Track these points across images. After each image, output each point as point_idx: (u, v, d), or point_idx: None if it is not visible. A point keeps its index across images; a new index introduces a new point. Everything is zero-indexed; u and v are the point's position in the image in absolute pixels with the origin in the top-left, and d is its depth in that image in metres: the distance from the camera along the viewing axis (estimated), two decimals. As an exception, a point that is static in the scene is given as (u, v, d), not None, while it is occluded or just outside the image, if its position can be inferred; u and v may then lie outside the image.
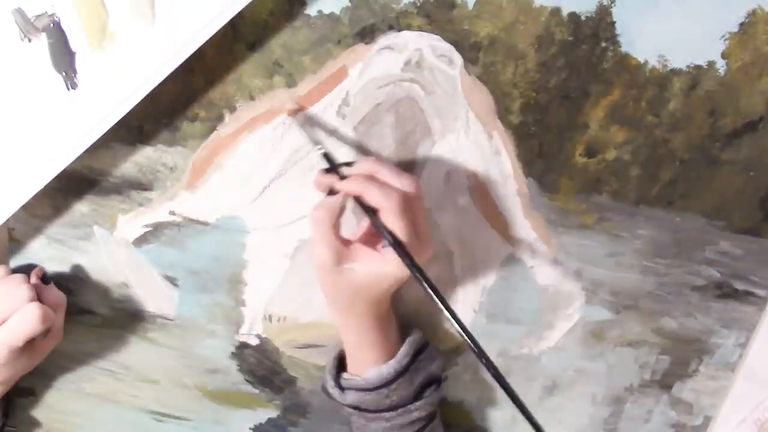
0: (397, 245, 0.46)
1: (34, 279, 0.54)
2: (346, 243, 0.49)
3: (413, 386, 0.54)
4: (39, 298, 0.52)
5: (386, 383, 0.53)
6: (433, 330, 0.61)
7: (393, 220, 0.46)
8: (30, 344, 0.53)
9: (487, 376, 0.54)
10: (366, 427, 0.55)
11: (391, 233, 0.46)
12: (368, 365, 0.53)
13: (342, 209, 0.48)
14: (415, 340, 0.55)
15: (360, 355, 0.54)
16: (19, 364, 0.54)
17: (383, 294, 0.50)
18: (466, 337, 0.44)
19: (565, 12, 0.49)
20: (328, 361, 0.57)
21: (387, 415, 0.54)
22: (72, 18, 0.46)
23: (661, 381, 0.64)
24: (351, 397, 0.54)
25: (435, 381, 0.56)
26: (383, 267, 0.48)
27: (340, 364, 0.57)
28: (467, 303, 0.60)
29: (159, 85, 0.47)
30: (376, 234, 0.49)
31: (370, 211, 0.47)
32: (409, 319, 0.59)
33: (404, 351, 0.54)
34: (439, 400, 0.57)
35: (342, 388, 0.55)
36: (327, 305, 0.53)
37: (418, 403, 0.54)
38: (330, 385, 0.55)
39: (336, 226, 0.48)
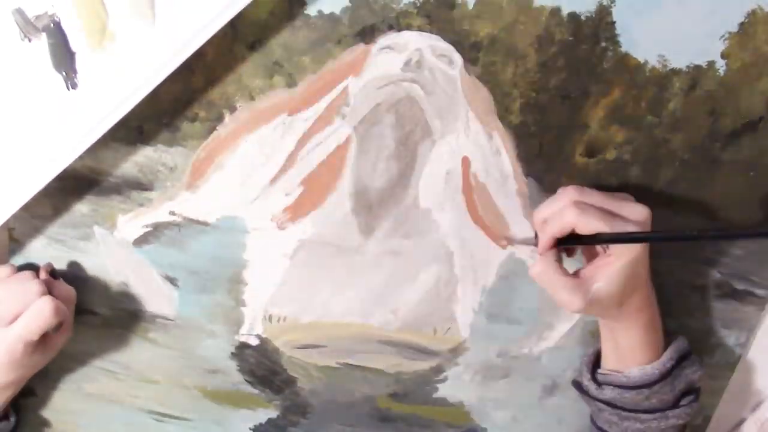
0: (606, 236, 0.47)
1: (43, 274, 0.55)
2: (577, 274, 0.50)
3: (674, 392, 0.54)
4: (50, 292, 0.53)
5: (648, 384, 0.53)
6: (433, 330, 0.61)
7: (585, 223, 0.47)
8: (43, 340, 0.53)
9: (488, 376, 0.54)
10: (617, 425, 0.56)
11: (594, 235, 0.47)
12: (632, 365, 0.54)
13: (555, 253, 0.50)
14: (680, 346, 0.55)
15: (628, 354, 0.54)
16: (33, 361, 0.54)
17: (639, 282, 0.50)
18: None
19: (565, 12, 0.49)
20: (584, 356, 0.58)
21: (643, 416, 0.54)
22: (72, 18, 0.46)
23: (661, 381, 0.64)
24: (608, 393, 0.54)
25: (694, 391, 0.56)
26: (617, 262, 0.48)
27: (596, 360, 0.58)
28: (467, 303, 0.60)
29: (159, 85, 0.47)
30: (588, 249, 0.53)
31: (573, 238, 0.49)
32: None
33: (669, 354, 0.54)
34: (695, 412, 0.56)
35: (598, 384, 0.55)
36: (606, 318, 0.53)
37: (676, 411, 0.54)
38: (586, 378, 0.56)
39: (560, 269, 0.49)
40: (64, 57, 0.47)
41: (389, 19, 0.49)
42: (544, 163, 0.54)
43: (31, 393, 0.64)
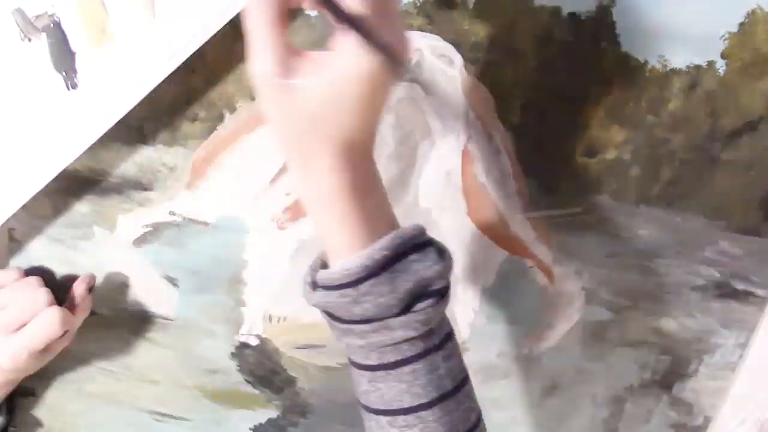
0: (347, 18, 0.34)
1: (83, 287, 0.56)
2: (297, 53, 0.36)
3: (396, 293, 0.38)
4: (73, 302, 0.54)
5: (352, 282, 0.38)
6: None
7: None
8: (46, 346, 0.53)
9: (488, 376, 0.54)
10: (345, 347, 0.42)
11: (335, 5, 0.34)
12: (340, 256, 0.39)
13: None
14: (403, 234, 0.39)
15: (330, 239, 0.39)
16: (32, 365, 0.54)
17: (349, 123, 0.36)
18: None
19: (565, 12, 0.49)
20: (317, 254, 0.42)
21: (358, 328, 0.39)
22: (72, 18, 0.46)
23: (661, 381, 0.64)
24: (317, 296, 0.40)
25: (433, 294, 0.39)
26: (340, 66, 0.35)
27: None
28: (467, 303, 0.60)
29: (159, 85, 0.47)
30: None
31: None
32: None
33: (383, 243, 0.38)
34: (444, 323, 0.42)
35: (314, 285, 0.41)
36: (283, 154, 0.38)
37: (402, 318, 0.38)
38: (306, 281, 0.41)
39: (283, 26, 0.36)
40: (64, 57, 0.47)
41: (389, 19, 0.49)
42: (544, 163, 0.54)
43: (31, 393, 0.64)
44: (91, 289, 0.57)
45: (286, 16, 0.36)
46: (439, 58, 0.51)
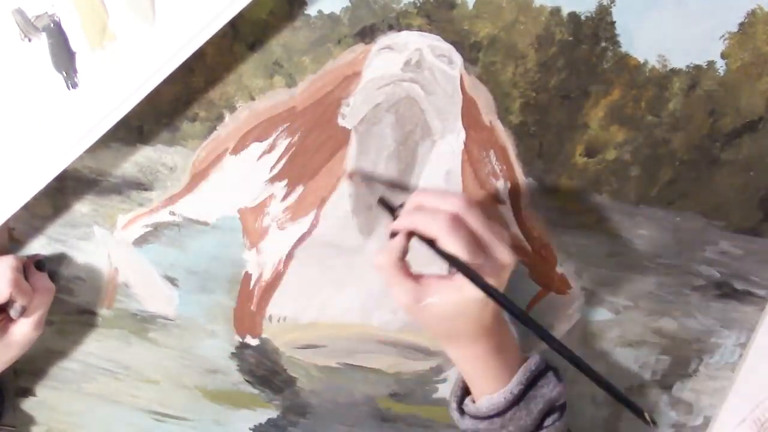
0: (460, 267, 0.45)
1: (30, 266, 0.55)
2: (420, 280, 0.48)
3: (531, 416, 0.51)
4: (26, 278, 0.53)
5: (498, 413, 0.51)
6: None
7: (449, 244, 0.45)
8: (3, 330, 0.53)
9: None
10: None
11: (452, 257, 0.45)
12: (484, 393, 0.52)
13: (404, 249, 0.47)
14: (530, 367, 0.52)
15: (476, 383, 0.52)
16: None
17: (476, 320, 0.48)
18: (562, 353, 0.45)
19: (565, 12, 0.49)
20: (455, 382, 0.56)
21: None
22: (72, 18, 0.46)
23: (661, 381, 0.64)
24: (468, 423, 0.53)
25: (558, 409, 0.53)
26: (458, 293, 0.46)
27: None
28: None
29: (159, 85, 0.47)
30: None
31: (430, 243, 0.46)
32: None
33: (517, 379, 0.51)
34: (565, 428, 0.54)
35: (462, 413, 0.54)
36: (435, 338, 0.52)
37: None
38: (452, 407, 0.55)
39: (404, 267, 0.47)
40: (64, 57, 0.47)
41: (389, 19, 0.49)
42: (544, 163, 0.54)
43: (31, 393, 0.64)
44: (40, 266, 0.56)
45: (405, 263, 0.48)
46: (439, 58, 0.51)
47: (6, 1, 0.45)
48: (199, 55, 0.47)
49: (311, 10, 0.49)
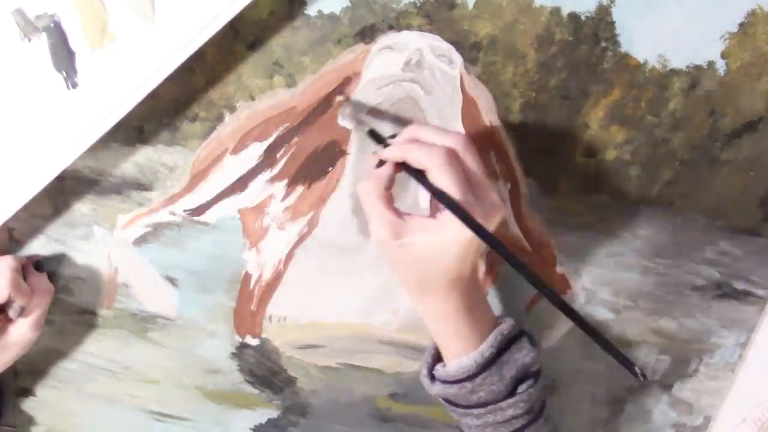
0: (450, 203, 0.42)
1: (29, 266, 0.55)
2: (403, 216, 0.45)
3: (504, 381, 0.48)
4: (25, 279, 0.53)
5: (468, 377, 0.48)
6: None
7: (440, 178, 0.42)
8: (1, 330, 0.53)
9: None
10: (461, 424, 0.52)
11: (441, 192, 0.42)
12: (455, 356, 0.49)
13: (390, 179, 0.45)
14: (503, 330, 0.49)
15: (446, 344, 0.49)
16: None
17: (455, 268, 0.45)
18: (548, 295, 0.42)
19: (565, 12, 0.49)
20: (428, 348, 0.53)
21: (476, 411, 0.49)
22: (72, 18, 0.46)
23: (661, 381, 0.64)
24: (437, 388, 0.50)
25: (532, 375, 0.50)
26: (443, 232, 0.43)
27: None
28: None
29: (159, 85, 0.47)
30: (436, 203, 0.46)
31: (419, 175, 0.44)
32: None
33: (488, 342, 0.48)
34: (541, 396, 0.51)
35: (433, 378, 0.51)
36: (404, 288, 0.49)
37: (511, 400, 0.48)
38: (422, 373, 0.52)
39: (387, 198, 0.45)
40: (64, 57, 0.47)
41: (389, 19, 0.49)
42: (544, 163, 0.54)
43: (31, 393, 0.64)
44: (39, 267, 0.56)
45: (390, 195, 0.45)
46: (439, 58, 0.51)
47: (6, 1, 0.45)
48: (199, 55, 0.47)
49: (311, 10, 0.49)
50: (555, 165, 0.54)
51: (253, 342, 0.61)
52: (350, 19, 0.49)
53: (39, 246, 0.57)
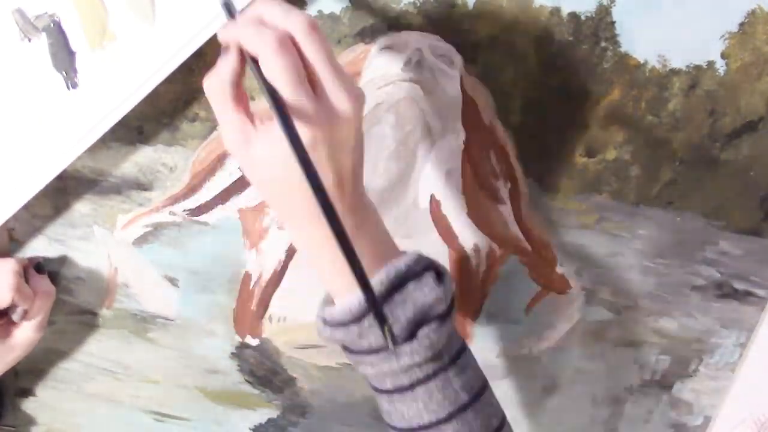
0: (274, 97, 0.35)
1: (30, 268, 0.55)
2: (255, 119, 0.38)
3: (399, 324, 0.40)
4: (27, 281, 0.53)
5: (355, 319, 0.40)
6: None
7: (268, 64, 0.35)
8: (5, 332, 0.53)
9: (488, 376, 0.54)
10: (360, 373, 0.44)
11: (266, 82, 0.35)
12: (340, 294, 0.42)
13: (236, 71, 0.38)
14: (399, 266, 0.41)
15: (328, 279, 0.42)
16: None
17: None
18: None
19: (565, 12, 0.49)
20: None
21: (368, 359, 0.42)
22: (72, 18, 0.46)
23: (661, 381, 0.64)
24: (326, 332, 0.42)
25: (435, 318, 0.41)
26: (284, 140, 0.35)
27: None
28: (467, 303, 0.60)
29: (159, 85, 0.47)
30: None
31: (254, 63, 0.36)
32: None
33: (378, 278, 0.40)
34: (452, 342, 0.43)
35: (325, 321, 0.43)
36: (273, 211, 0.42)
37: (407, 347, 0.41)
38: (318, 315, 0.44)
39: (237, 98, 0.38)
40: (64, 57, 0.47)
41: (389, 19, 0.49)
42: (544, 163, 0.54)
43: (31, 393, 0.64)
44: (40, 269, 0.55)
45: (241, 89, 0.39)
46: (439, 58, 0.51)
47: (6, 1, 0.45)
48: (199, 55, 0.47)
49: (311, 10, 0.49)
50: (555, 165, 0.54)
51: (253, 342, 0.61)
52: (350, 19, 0.49)
53: (39, 246, 0.57)
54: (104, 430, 0.66)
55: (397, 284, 0.41)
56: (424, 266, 0.42)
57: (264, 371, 0.63)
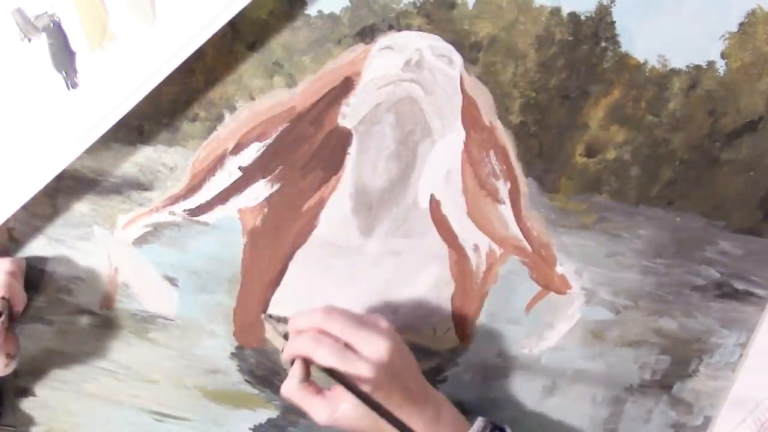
0: (337, 377, 0.46)
1: None
2: (327, 393, 0.49)
3: None
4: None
5: None
6: (433, 330, 0.61)
7: (318, 359, 0.47)
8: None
9: (488, 376, 0.54)
10: None
11: (329, 369, 0.46)
12: None
13: (302, 372, 0.48)
14: None
15: None
16: None
17: (370, 425, 0.48)
18: None
19: (565, 12, 0.49)
20: None
21: None
22: (72, 18, 0.46)
23: (661, 381, 0.64)
24: None
25: None
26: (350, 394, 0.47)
27: None
28: (467, 303, 0.60)
29: (159, 85, 0.47)
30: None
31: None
32: (405, 323, 0.59)
33: None
34: None
35: None
36: None
37: None
38: None
39: (309, 388, 0.49)
40: (64, 57, 0.47)
41: (389, 19, 0.49)
42: (544, 163, 0.54)
43: (31, 393, 0.64)
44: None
45: (308, 378, 0.49)
46: (439, 58, 0.51)
47: (6, 1, 0.45)
48: (199, 55, 0.47)
49: (311, 10, 0.49)
50: (555, 165, 0.54)
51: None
52: (350, 19, 0.49)
53: (39, 246, 0.57)
54: (104, 430, 0.66)
55: None
56: (491, 428, 0.52)
57: (264, 371, 0.63)
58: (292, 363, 0.49)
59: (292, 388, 0.49)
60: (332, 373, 0.46)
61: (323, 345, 0.47)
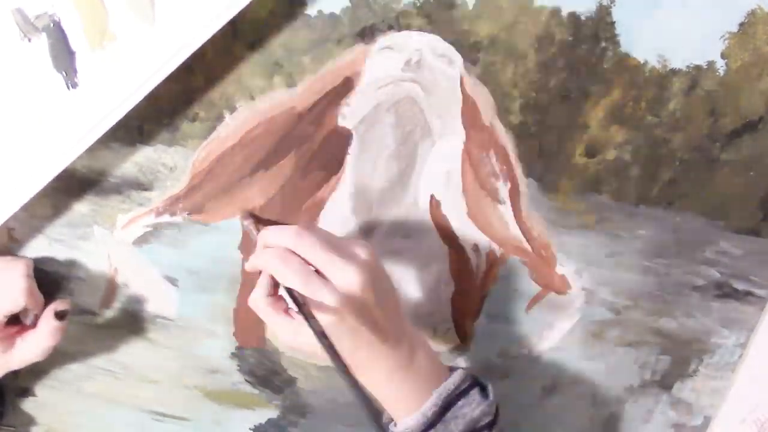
0: (296, 302, 0.44)
1: (51, 313, 0.53)
2: (290, 313, 0.47)
3: None
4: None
5: None
6: (433, 330, 0.61)
7: (282, 278, 0.44)
8: (11, 342, 0.53)
9: (488, 376, 0.54)
10: None
11: (289, 290, 0.44)
12: (400, 417, 0.49)
13: (269, 284, 0.46)
14: (448, 387, 0.49)
15: (390, 407, 0.50)
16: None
17: (349, 345, 0.45)
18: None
19: (565, 12, 0.49)
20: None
21: None
22: (72, 18, 0.46)
23: (661, 381, 0.64)
24: None
25: (484, 428, 0.50)
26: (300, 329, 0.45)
27: None
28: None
29: (159, 85, 0.47)
30: None
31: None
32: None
33: (431, 402, 0.48)
34: None
35: None
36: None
37: None
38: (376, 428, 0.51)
39: (275, 303, 0.47)
40: (64, 57, 0.47)
41: (389, 19, 0.49)
42: (544, 163, 0.54)
43: (31, 393, 0.64)
44: (62, 317, 0.54)
45: (277, 296, 0.47)
46: (439, 58, 0.51)
47: (6, 1, 0.45)
48: (199, 55, 0.47)
49: (311, 10, 0.49)
50: (555, 165, 0.54)
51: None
52: (350, 19, 0.49)
53: (39, 246, 0.57)
54: (104, 430, 0.66)
55: (448, 403, 0.49)
56: (470, 383, 0.50)
57: (264, 371, 0.63)
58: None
59: (256, 299, 0.46)
60: (294, 297, 0.44)
61: (288, 265, 0.44)
